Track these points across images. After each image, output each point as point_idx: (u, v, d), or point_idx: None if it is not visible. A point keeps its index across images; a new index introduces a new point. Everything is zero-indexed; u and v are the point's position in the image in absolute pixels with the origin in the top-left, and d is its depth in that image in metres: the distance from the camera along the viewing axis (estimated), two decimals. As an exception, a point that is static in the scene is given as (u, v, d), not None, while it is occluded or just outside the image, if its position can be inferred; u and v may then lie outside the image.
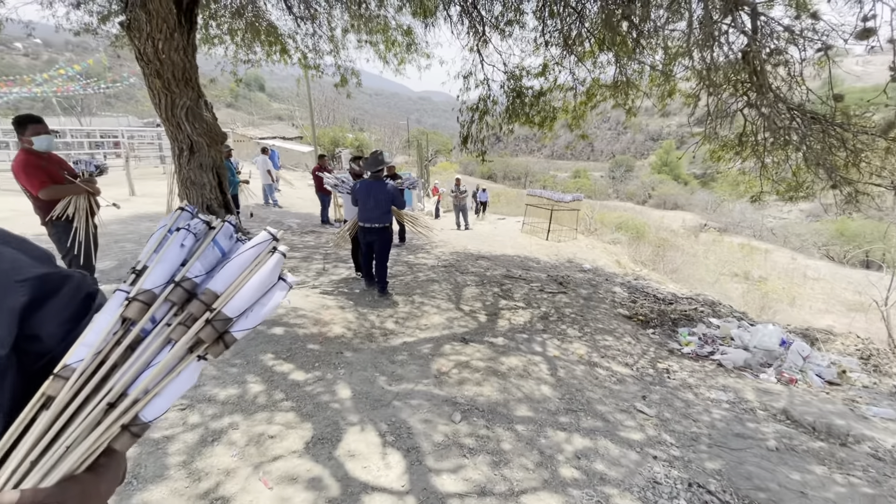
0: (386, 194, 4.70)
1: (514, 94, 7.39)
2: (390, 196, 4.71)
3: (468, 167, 68.54)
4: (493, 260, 7.88)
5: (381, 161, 4.72)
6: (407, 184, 8.05)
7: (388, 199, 4.71)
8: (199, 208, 5.39)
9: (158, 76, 4.67)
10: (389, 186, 4.73)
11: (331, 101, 46.28)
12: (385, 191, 4.70)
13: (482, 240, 10.45)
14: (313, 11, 9.22)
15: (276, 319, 4.06)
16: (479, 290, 5.81)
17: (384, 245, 4.89)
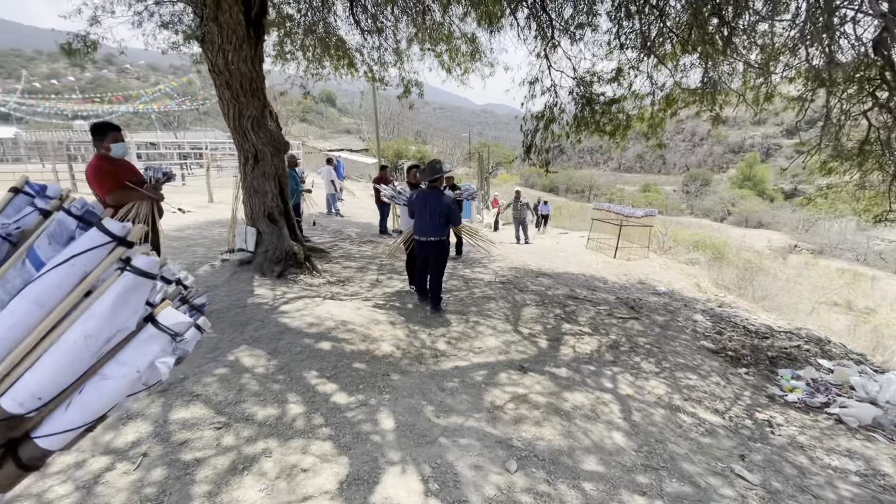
0: (441, 206, 4.43)
1: (584, 101, 6.89)
2: (446, 208, 4.43)
3: (529, 179, 67.50)
4: (554, 278, 7.35)
5: (439, 170, 4.48)
6: (465, 195, 7.77)
7: (444, 212, 4.43)
8: (261, 215, 5.46)
9: (228, 87, 4.79)
10: (446, 198, 4.47)
11: (396, 114, 47.64)
12: (441, 203, 4.44)
13: (543, 255, 9.90)
14: (380, 24, 9.35)
15: (325, 333, 3.90)
16: (539, 311, 5.35)
17: (440, 260, 4.61)
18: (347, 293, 5.35)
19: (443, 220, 4.46)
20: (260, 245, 5.61)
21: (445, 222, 4.48)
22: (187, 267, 5.64)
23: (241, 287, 4.87)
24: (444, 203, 4.43)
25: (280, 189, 5.65)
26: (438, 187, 4.52)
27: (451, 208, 4.46)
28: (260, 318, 4.08)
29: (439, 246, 4.54)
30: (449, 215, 4.47)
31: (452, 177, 8.29)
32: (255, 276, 5.29)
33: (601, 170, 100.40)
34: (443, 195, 4.47)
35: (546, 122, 6.99)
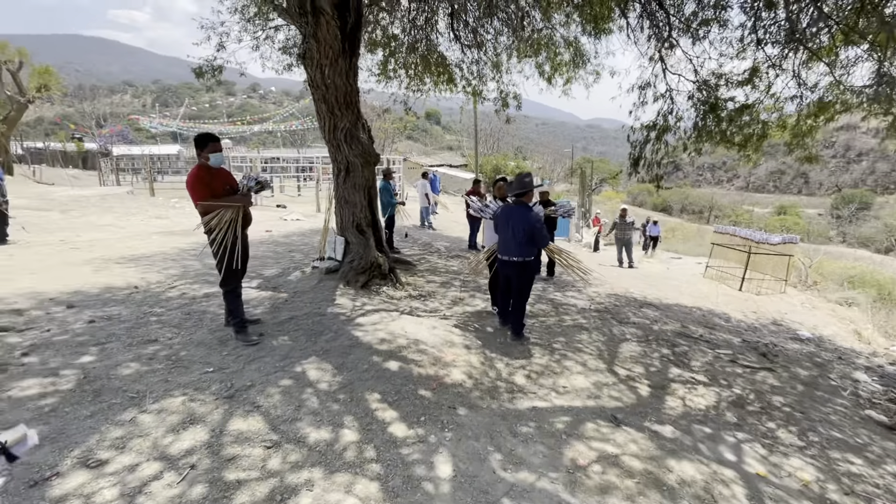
0: (526, 224, 4.00)
1: (707, 107, 5.94)
2: (529, 226, 3.99)
3: (638, 197, 62.86)
4: (663, 310, 6.37)
5: (527, 184, 4.06)
6: (561, 212, 7.20)
7: (528, 230, 4.00)
8: (349, 225, 5.53)
9: (324, 101, 4.94)
10: (532, 215, 4.03)
11: (496, 130, 47.84)
12: (525, 219, 4.01)
13: (650, 282, 8.78)
14: (480, 38, 9.27)
15: (395, 351, 3.69)
16: (641, 349, 4.58)
17: (523, 283, 4.17)
18: (427, 309, 5.14)
19: (526, 239, 4.02)
20: (347, 254, 5.69)
21: (530, 241, 4.04)
22: (282, 272, 5.93)
23: (323, 295, 4.93)
24: (529, 220, 3.99)
25: (369, 200, 5.70)
26: (525, 202, 4.11)
27: (535, 226, 4.00)
28: (335, 328, 4.02)
29: (522, 267, 4.10)
30: (532, 235, 4.02)
31: (547, 192, 7.76)
32: (340, 285, 5.34)
33: (724, 188, 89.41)
34: (529, 211, 4.04)
35: (659, 131, 6.15)
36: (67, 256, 6.73)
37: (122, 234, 9.40)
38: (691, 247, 22.67)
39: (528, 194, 4.12)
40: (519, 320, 4.28)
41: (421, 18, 9.11)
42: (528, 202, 4.15)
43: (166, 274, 5.57)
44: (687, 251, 19.25)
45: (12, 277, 5.15)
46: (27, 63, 18.38)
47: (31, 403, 2.56)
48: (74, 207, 12.51)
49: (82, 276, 5.27)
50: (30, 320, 3.80)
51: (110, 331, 3.67)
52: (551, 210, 7.18)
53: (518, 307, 4.25)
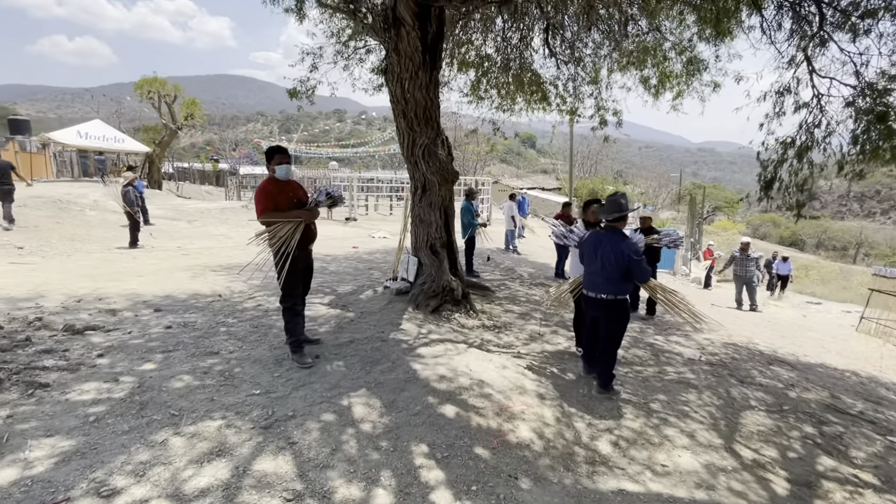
0: (619, 255, 3.31)
1: (873, 117, 4.66)
2: (623, 257, 3.29)
3: (760, 229, 55.38)
4: (801, 370, 5.03)
5: (621, 206, 3.38)
6: (666, 241, 6.21)
7: (621, 262, 3.30)
8: (423, 246, 5.24)
9: (404, 116, 4.77)
10: (628, 244, 3.34)
11: (594, 153, 45.72)
12: (618, 250, 3.32)
13: (780, 331, 7.20)
14: (578, 53, 8.70)
15: (454, 393, 3.21)
16: (773, 424, 3.53)
17: (613, 325, 3.45)
18: (499, 343, 4.60)
19: (620, 273, 3.32)
20: (419, 276, 5.40)
21: (624, 275, 3.34)
22: (356, 289, 5.82)
23: (390, 318, 4.65)
24: (622, 251, 3.30)
25: (445, 220, 5.38)
26: (619, 229, 3.44)
27: (632, 258, 3.28)
28: (394, 357, 3.68)
29: (612, 307, 3.40)
30: (629, 267, 3.31)
31: (650, 218, 6.80)
32: (409, 308, 5.04)
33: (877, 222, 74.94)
34: (624, 239, 3.36)
35: (801, 148, 4.99)
36: (178, 261, 7.42)
37: (230, 243, 10.30)
38: (833, 290, 18.93)
39: (623, 219, 3.44)
40: (608, 370, 3.54)
41: (515, 36, 8.81)
42: (623, 228, 3.46)
43: (250, 284, 5.76)
44: (828, 295, 16.03)
45: (125, 278, 5.71)
46: (180, 96, 21.81)
47: (81, 410, 2.55)
48: (199, 218, 14.19)
49: (179, 282, 5.66)
50: (119, 321, 4.04)
51: (180, 338, 3.73)
52: (654, 239, 6.23)
53: (607, 354, 3.53)
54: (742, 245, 9.56)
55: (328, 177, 21.08)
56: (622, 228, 3.41)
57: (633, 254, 3.28)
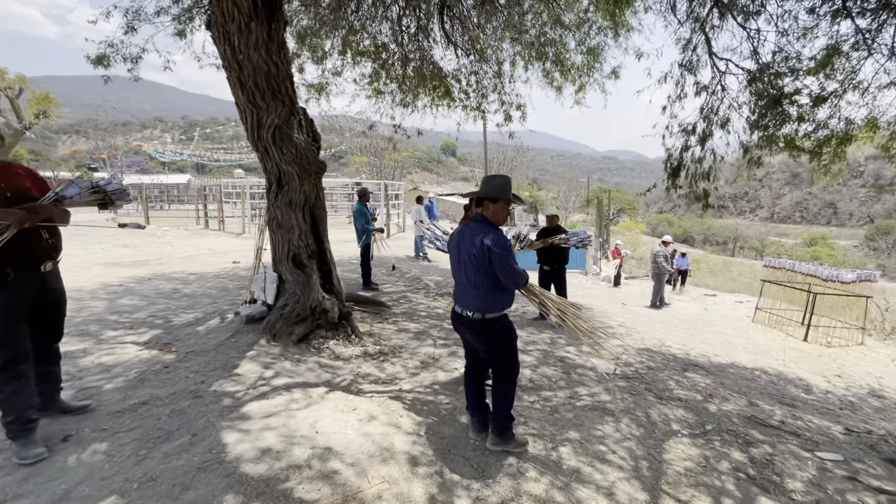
0: (477, 249, 2.33)
1: (770, 101, 4.42)
2: (483, 252, 2.31)
3: (657, 228, 60.75)
4: (715, 374, 4.65)
5: (498, 187, 2.46)
6: (574, 241, 5.66)
7: (481, 260, 2.34)
8: (284, 257, 4.08)
9: (241, 86, 3.61)
10: (492, 236, 2.34)
11: (509, 160, 47.01)
12: (478, 241, 2.35)
13: (688, 328, 7.04)
14: (480, 45, 8.09)
15: (277, 478, 2.12)
16: (699, 454, 2.90)
17: (493, 354, 2.55)
18: (380, 377, 3.59)
19: (484, 279, 2.36)
20: (280, 296, 4.22)
21: (496, 283, 2.39)
22: (200, 318, 4.48)
23: (225, 358, 3.43)
24: (482, 243, 2.33)
25: (313, 223, 4.27)
26: (489, 220, 2.48)
27: (492, 251, 2.30)
28: (199, 426, 2.49)
29: (482, 329, 2.47)
30: (493, 266, 2.33)
31: (556, 216, 6.24)
32: (263, 339, 3.84)
33: (748, 219, 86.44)
34: (489, 231, 2.37)
35: (702, 135, 4.65)
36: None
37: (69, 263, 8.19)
38: (722, 281, 20.63)
39: (499, 206, 2.45)
40: (501, 417, 2.62)
41: (413, 24, 7.98)
42: (498, 220, 2.48)
43: None
44: (719, 286, 17.26)
45: None
46: (27, 90, 18.10)
47: None
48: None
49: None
50: None
51: None
52: (561, 239, 5.66)
53: (498, 396, 2.61)
54: (663, 243, 9.56)
55: (220, 184, 18.82)
56: (495, 221, 2.46)
57: (495, 244, 2.30)
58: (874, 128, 4.49)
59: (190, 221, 16.62)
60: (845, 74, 4.37)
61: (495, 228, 2.44)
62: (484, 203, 2.46)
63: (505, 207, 2.47)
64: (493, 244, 2.30)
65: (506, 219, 2.51)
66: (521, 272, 2.41)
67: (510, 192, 2.46)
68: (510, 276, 2.35)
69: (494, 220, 2.46)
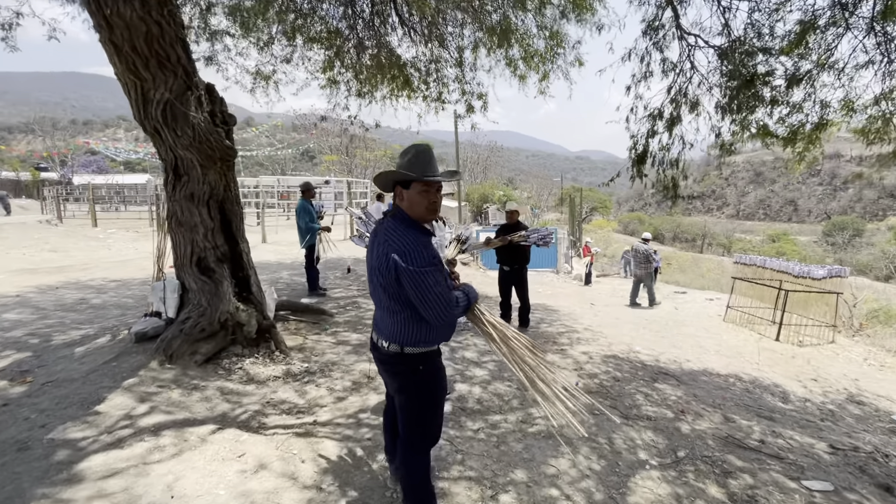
0: (384, 265, 1.65)
1: (742, 82, 4.01)
2: (389, 265, 1.62)
3: (629, 226, 61.84)
4: (687, 383, 4.21)
5: (411, 163, 1.73)
6: (535, 238, 5.15)
7: (388, 277, 1.64)
8: (187, 262, 3.40)
9: (115, 50, 2.92)
10: (402, 238, 1.65)
11: (483, 159, 46.78)
12: (385, 255, 1.65)
13: (658, 329, 6.66)
14: (438, 33, 7.56)
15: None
16: (668, 490, 2.40)
17: (409, 401, 1.84)
18: (297, 405, 2.98)
19: (392, 299, 1.69)
20: (184, 308, 3.54)
21: (412, 311, 1.68)
22: (90, 335, 3.74)
23: (90, 391, 2.74)
24: (388, 258, 1.63)
25: (223, 220, 3.60)
26: (406, 214, 1.74)
27: (398, 266, 1.60)
28: (8, 491, 1.83)
29: (398, 365, 1.78)
30: (402, 287, 1.63)
31: (517, 212, 5.73)
32: (154, 362, 3.16)
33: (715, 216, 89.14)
34: (403, 235, 1.66)
35: (670, 120, 4.20)
36: None
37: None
38: (692, 278, 20.74)
39: (415, 191, 1.70)
40: (414, 483, 1.90)
41: (367, 9, 7.39)
42: (418, 214, 1.73)
43: None
44: (689, 283, 17.25)
45: None
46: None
47: None
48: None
49: None
50: None
51: None
52: (521, 236, 5.15)
53: (406, 473, 1.92)
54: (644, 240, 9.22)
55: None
56: (419, 218, 1.73)
57: (406, 257, 1.57)
58: (850, 111, 4.14)
59: (143, 223, 15.54)
60: (820, 53, 4.00)
61: (415, 230, 1.67)
62: (397, 190, 1.74)
63: (427, 193, 1.68)
64: (401, 257, 1.57)
65: (433, 210, 1.72)
66: (452, 300, 1.67)
67: (430, 167, 1.70)
68: (432, 305, 1.59)
69: (413, 214, 1.71)
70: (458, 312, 1.74)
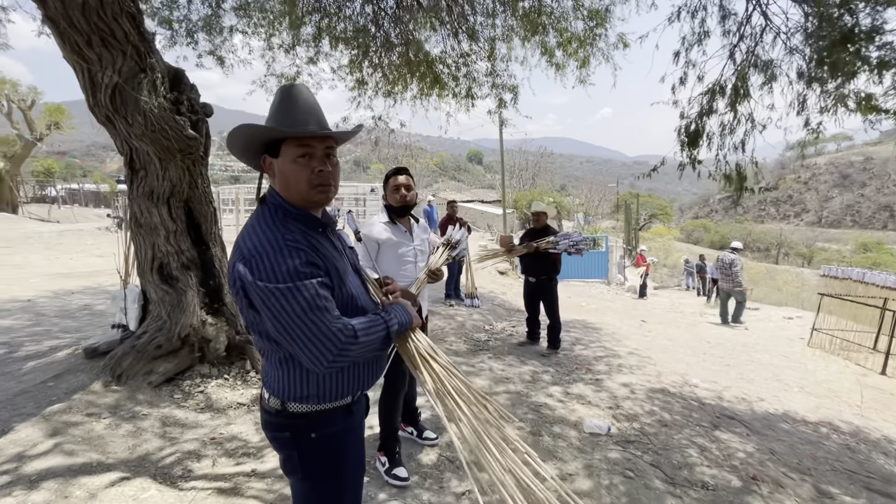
0: (231, 283, 1.06)
1: (837, 37, 3.03)
2: (238, 294, 1.02)
3: (692, 234, 57.65)
4: (761, 434, 3.22)
5: (274, 115, 1.06)
6: (564, 244, 4.38)
7: (242, 307, 1.04)
8: (148, 268, 3.00)
9: (56, 29, 2.58)
10: (250, 252, 0.99)
11: (531, 165, 45.56)
12: (231, 268, 1.04)
13: (723, 355, 5.55)
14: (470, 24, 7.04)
15: None
16: None
17: (301, 490, 1.18)
18: (248, 443, 2.44)
19: (258, 338, 1.09)
20: (145, 320, 3.15)
21: (269, 338, 1.07)
22: (49, 350, 3.45)
23: (10, 415, 2.35)
24: (233, 269, 1.02)
25: (190, 223, 3.18)
26: (276, 197, 1.10)
27: (251, 286, 0.97)
28: None
29: (276, 426, 1.14)
30: (253, 307, 1.02)
31: (545, 214, 4.92)
32: (98, 383, 2.76)
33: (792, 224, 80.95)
34: (258, 232, 1.03)
35: (734, 93, 3.29)
36: None
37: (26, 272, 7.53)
38: (766, 292, 18.46)
39: (286, 159, 1.05)
40: None
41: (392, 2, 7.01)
42: (295, 194, 1.08)
43: None
44: (763, 298, 15.23)
45: None
46: (39, 100, 18.28)
47: None
48: (26, 243, 11.06)
49: None
50: None
51: None
52: (549, 242, 4.39)
53: None
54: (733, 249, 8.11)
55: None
56: (301, 193, 1.07)
57: (248, 265, 0.97)
58: None
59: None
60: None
61: (284, 225, 1.04)
62: (265, 163, 1.09)
63: (308, 158, 1.05)
64: (247, 266, 0.98)
65: (322, 186, 1.07)
66: (337, 331, 0.99)
67: (308, 114, 1.06)
68: (297, 340, 0.98)
69: (290, 197, 1.07)
70: (359, 350, 1.05)
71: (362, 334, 1.04)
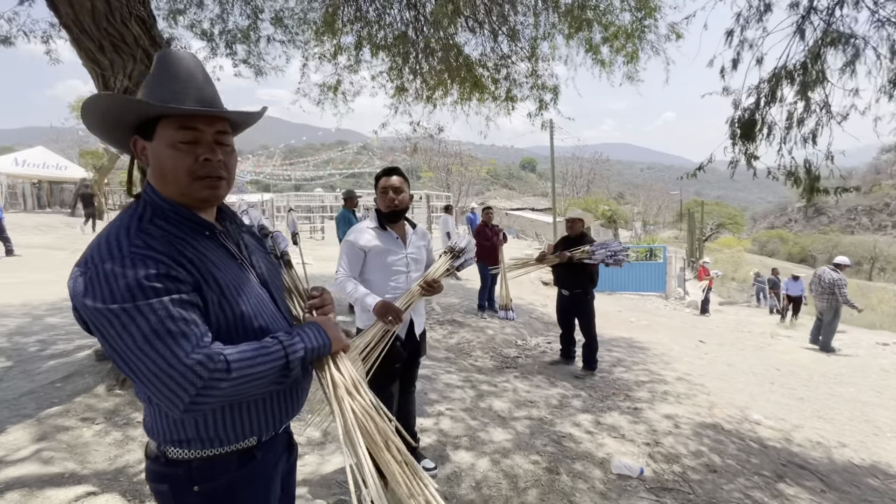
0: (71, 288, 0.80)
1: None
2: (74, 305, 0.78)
3: (766, 246, 52.81)
4: (840, 491, 2.62)
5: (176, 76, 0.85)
6: (601, 254, 3.98)
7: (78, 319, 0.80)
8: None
9: (70, 35, 2.63)
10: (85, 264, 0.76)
11: (586, 172, 44.04)
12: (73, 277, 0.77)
13: (795, 386, 4.78)
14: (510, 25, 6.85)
15: None
16: None
17: None
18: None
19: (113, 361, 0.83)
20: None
21: None
22: (74, 349, 3.56)
23: (9, 415, 2.37)
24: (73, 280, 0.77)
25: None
26: (150, 192, 0.87)
27: (85, 308, 0.74)
28: None
29: (161, 481, 0.92)
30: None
31: (581, 221, 4.49)
32: (102, 386, 2.76)
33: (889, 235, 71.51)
34: (118, 232, 0.79)
35: (805, 78, 2.75)
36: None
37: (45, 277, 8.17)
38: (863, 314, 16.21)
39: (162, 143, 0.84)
40: None
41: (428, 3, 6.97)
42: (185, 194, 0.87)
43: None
44: (850, 319, 13.37)
45: None
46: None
47: None
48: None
49: None
50: None
51: None
52: (585, 251, 3.99)
53: None
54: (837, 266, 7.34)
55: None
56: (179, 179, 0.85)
57: (84, 290, 0.73)
58: None
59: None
60: None
61: (125, 228, 0.80)
62: (136, 146, 0.87)
63: (193, 145, 0.84)
64: (79, 285, 0.74)
65: (212, 180, 0.86)
66: (186, 366, 0.74)
67: (188, 86, 0.84)
68: (137, 375, 0.75)
69: (166, 191, 0.86)
70: (235, 386, 0.78)
71: (239, 366, 0.79)
